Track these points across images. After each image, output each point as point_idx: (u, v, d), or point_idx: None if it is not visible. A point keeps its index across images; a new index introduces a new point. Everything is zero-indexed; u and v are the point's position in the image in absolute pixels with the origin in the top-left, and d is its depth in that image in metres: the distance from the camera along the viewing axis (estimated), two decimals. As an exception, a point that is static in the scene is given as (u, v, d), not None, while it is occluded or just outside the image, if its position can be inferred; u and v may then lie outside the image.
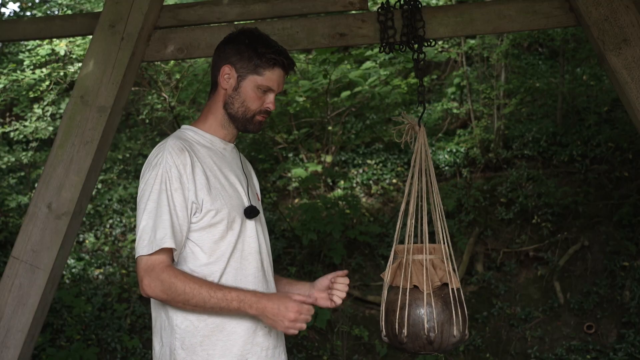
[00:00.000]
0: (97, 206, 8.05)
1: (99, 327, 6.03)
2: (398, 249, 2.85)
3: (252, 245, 2.42)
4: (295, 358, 5.86)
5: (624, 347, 5.66)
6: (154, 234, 2.23)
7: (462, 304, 2.73)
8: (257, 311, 2.27)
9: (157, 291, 2.23)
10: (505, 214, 7.11)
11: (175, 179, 2.28)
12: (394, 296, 2.77)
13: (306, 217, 6.76)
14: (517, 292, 6.50)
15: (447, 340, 2.68)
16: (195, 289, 2.23)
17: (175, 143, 2.33)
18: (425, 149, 2.86)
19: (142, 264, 2.24)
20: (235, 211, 2.37)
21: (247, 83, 2.40)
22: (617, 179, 7.09)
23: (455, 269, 2.78)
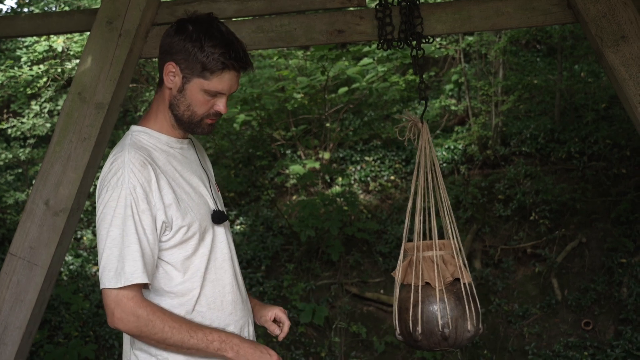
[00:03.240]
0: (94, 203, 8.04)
1: (97, 324, 6.03)
2: (407, 246, 2.84)
3: (224, 252, 2.31)
4: (293, 355, 5.87)
5: (622, 344, 5.67)
6: (122, 266, 2.06)
7: (475, 298, 2.73)
8: (237, 355, 2.18)
9: (131, 327, 2.09)
10: (503, 211, 7.11)
11: (141, 199, 2.10)
12: (406, 294, 2.76)
13: (304, 213, 6.76)
14: (515, 289, 6.51)
15: (461, 335, 2.68)
16: (175, 327, 2.12)
17: (135, 156, 2.13)
18: (430, 146, 2.85)
19: (112, 297, 2.07)
20: (205, 221, 2.25)
21: (192, 86, 2.17)
22: (614, 176, 7.10)
23: (465, 264, 2.78)
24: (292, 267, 6.76)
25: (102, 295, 2.11)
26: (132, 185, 2.10)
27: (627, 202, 6.68)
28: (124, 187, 2.09)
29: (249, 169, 8.24)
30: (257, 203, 7.88)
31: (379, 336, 6.22)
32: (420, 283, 2.72)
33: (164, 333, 2.10)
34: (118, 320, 2.08)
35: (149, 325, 2.09)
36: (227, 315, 2.29)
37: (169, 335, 2.11)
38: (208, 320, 2.25)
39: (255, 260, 6.84)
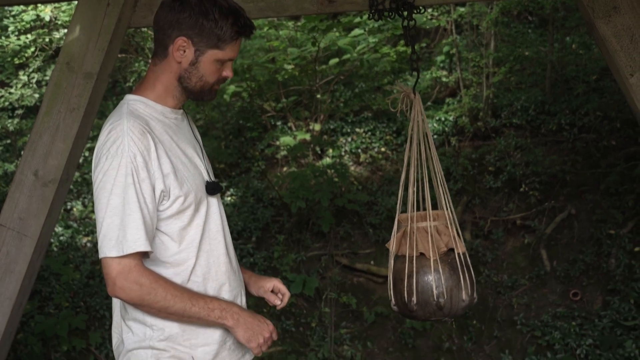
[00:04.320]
0: (84, 174, 8.02)
1: (87, 294, 6.04)
2: (401, 217, 2.85)
3: (217, 223, 2.33)
4: (283, 325, 5.90)
5: (609, 314, 5.73)
6: (124, 234, 2.06)
7: (469, 268, 2.75)
8: (237, 322, 2.22)
9: (133, 295, 2.09)
10: (493, 183, 7.13)
11: (141, 168, 2.10)
12: (401, 265, 2.78)
13: (294, 185, 6.75)
14: (504, 260, 6.55)
15: (456, 304, 2.70)
16: (177, 296, 2.13)
17: (134, 124, 2.14)
18: (422, 116, 2.84)
19: (114, 266, 2.06)
20: (200, 191, 2.26)
21: (206, 58, 2.22)
22: (604, 147, 7.12)
23: (459, 234, 2.79)
24: (283, 238, 6.77)
25: (102, 265, 2.10)
26: (133, 154, 2.09)
27: (616, 174, 6.71)
28: (124, 155, 2.08)
29: (239, 140, 8.22)
30: (248, 174, 7.87)
31: (369, 307, 6.26)
32: (414, 254, 2.73)
33: (166, 301, 2.11)
34: (120, 290, 2.08)
35: (152, 294, 2.09)
36: (220, 285, 2.31)
37: (171, 304, 2.12)
38: (202, 290, 2.26)
39: (246, 231, 6.85)
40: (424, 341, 5.99)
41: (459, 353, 5.85)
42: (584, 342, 5.54)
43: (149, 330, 2.20)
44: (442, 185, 2.80)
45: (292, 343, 5.82)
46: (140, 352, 2.21)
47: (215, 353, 2.26)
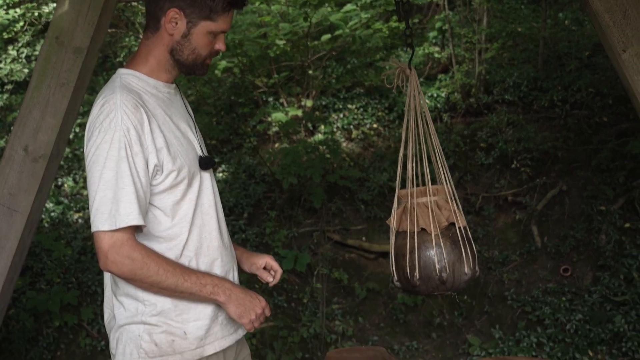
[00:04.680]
0: (75, 150, 7.98)
1: (79, 270, 6.04)
2: (401, 194, 2.85)
3: (210, 198, 2.33)
4: (275, 300, 5.92)
5: (599, 290, 5.77)
6: (117, 208, 2.05)
7: (470, 241, 2.76)
8: (228, 298, 2.22)
9: (125, 270, 2.08)
10: (485, 159, 7.14)
11: (134, 142, 2.09)
12: (402, 241, 2.78)
13: (286, 161, 6.74)
14: (495, 236, 6.57)
15: (459, 278, 2.71)
16: (169, 271, 2.12)
17: (127, 98, 2.13)
18: (418, 92, 2.84)
19: (106, 240, 2.05)
20: (193, 166, 2.26)
21: (198, 30, 2.21)
22: (596, 124, 7.12)
23: (460, 208, 2.79)
24: (275, 214, 6.78)
25: (94, 239, 2.09)
26: (126, 127, 2.08)
27: (608, 150, 6.72)
28: (117, 129, 2.07)
29: (231, 116, 8.18)
30: (239, 151, 7.85)
31: (360, 283, 6.28)
32: (415, 229, 2.73)
33: (158, 276, 2.11)
34: (112, 264, 2.07)
35: (144, 268, 2.09)
36: (212, 260, 2.31)
37: (163, 279, 2.12)
38: (194, 265, 2.26)
39: (238, 207, 6.85)
40: (415, 316, 6.03)
41: (450, 328, 5.89)
42: (574, 317, 5.58)
43: (140, 305, 2.20)
44: (441, 160, 2.80)
45: (283, 319, 5.85)
46: (132, 327, 2.21)
47: (207, 328, 2.26)
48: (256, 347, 5.44)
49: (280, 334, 5.65)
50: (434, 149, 2.80)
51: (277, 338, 5.60)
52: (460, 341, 5.76)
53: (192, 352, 2.24)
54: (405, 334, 5.91)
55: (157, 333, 2.19)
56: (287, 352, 5.48)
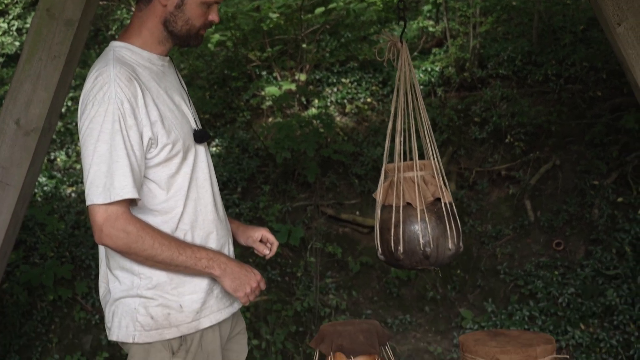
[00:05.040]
0: (67, 124, 7.94)
1: (72, 244, 6.03)
2: (388, 168, 2.85)
3: (204, 172, 2.33)
4: (269, 274, 5.94)
5: (591, 264, 5.80)
6: (111, 181, 2.04)
7: (456, 217, 2.76)
8: (224, 272, 2.23)
9: (120, 243, 2.08)
10: (479, 134, 7.13)
11: (128, 114, 2.07)
12: (388, 215, 2.78)
13: (280, 135, 6.73)
14: (489, 211, 6.59)
15: (442, 254, 2.71)
16: (164, 244, 2.12)
17: (120, 71, 2.11)
18: (409, 66, 2.82)
19: (100, 213, 2.05)
20: (188, 139, 2.25)
21: (192, 0, 2.20)
22: (590, 98, 7.12)
23: (446, 184, 2.79)
24: (268, 188, 6.77)
25: (89, 212, 2.08)
26: (120, 100, 2.07)
27: (601, 124, 6.73)
28: (111, 102, 2.05)
29: (224, 90, 8.14)
30: (233, 125, 7.83)
31: (354, 257, 6.30)
32: (401, 203, 2.73)
33: (153, 249, 2.10)
34: (106, 237, 2.06)
35: (139, 242, 2.08)
36: (207, 234, 2.31)
37: (159, 252, 2.11)
38: (190, 238, 2.26)
39: (232, 182, 6.84)
40: (408, 290, 6.05)
41: (443, 302, 5.92)
42: (566, 291, 5.61)
43: (136, 279, 2.20)
44: (429, 135, 2.80)
45: (277, 292, 5.87)
46: (128, 301, 2.21)
47: (203, 301, 2.27)
48: (250, 321, 5.46)
49: (274, 307, 5.67)
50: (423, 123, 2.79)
51: (271, 312, 5.63)
52: (453, 315, 5.79)
53: (187, 325, 2.24)
54: (398, 307, 5.94)
55: (153, 306, 2.20)
56: (281, 326, 5.51)
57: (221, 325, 2.37)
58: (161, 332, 2.21)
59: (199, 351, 2.28)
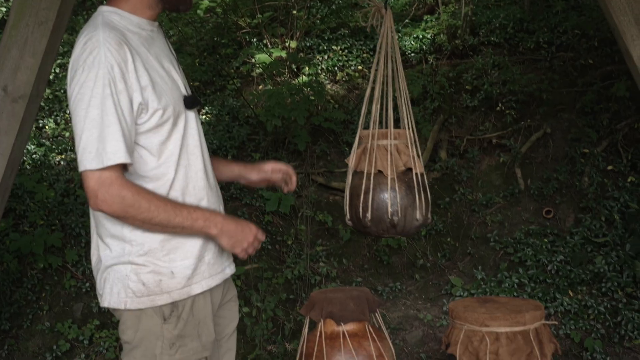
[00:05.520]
0: (55, 91, 7.88)
1: (62, 212, 6.01)
2: (363, 134, 2.84)
3: (195, 138, 2.32)
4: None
5: (580, 231, 5.83)
6: (104, 146, 2.02)
7: (426, 189, 2.75)
8: (220, 231, 2.24)
9: (116, 208, 2.07)
10: (470, 101, 7.11)
11: (119, 79, 2.06)
12: (359, 181, 2.78)
13: (270, 103, 6.69)
14: (479, 179, 6.60)
15: (410, 223, 2.71)
16: (160, 206, 2.12)
17: (110, 35, 2.08)
18: (392, 33, 2.79)
19: (95, 179, 2.03)
20: (178, 105, 2.24)
21: None
22: (582, 66, 7.10)
23: (419, 154, 2.79)
24: (259, 156, 6.75)
25: (83, 178, 2.06)
26: (110, 65, 2.04)
27: (592, 92, 6.72)
28: (101, 67, 2.03)
29: (214, 57, 8.08)
30: (223, 92, 7.78)
31: (344, 225, 6.31)
32: (372, 171, 2.72)
33: (149, 212, 2.10)
34: (102, 202, 2.05)
35: (135, 206, 2.08)
36: (199, 200, 2.32)
37: (155, 215, 2.11)
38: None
39: (222, 150, 6.82)
40: (398, 258, 6.08)
41: (433, 269, 5.95)
42: (555, 259, 5.65)
43: (127, 245, 2.20)
44: (406, 104, 2.79)
45: (268, 260, 5.88)
46: (119, 268, 2.21)
47: (194, 267, 2.27)
48: (241, 289, 5.48)
49: (264, 275, 5.69)
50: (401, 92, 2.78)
51: (261, 279, 5.65)
52: (443, 282, 5.82)
53: (179, 292, 2.25)
54: (388, 275, 5.97)
55: (145, 273, 2.20)
56: (272, 293, 5.53)
57: (212, 292, 2.38)
58: (153, 298, 2.21)
59: (190, 318, 2.28)
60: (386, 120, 2.81)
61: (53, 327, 5.25)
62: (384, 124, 2.82)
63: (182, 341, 2.26)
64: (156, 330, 2.24)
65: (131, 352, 2.27)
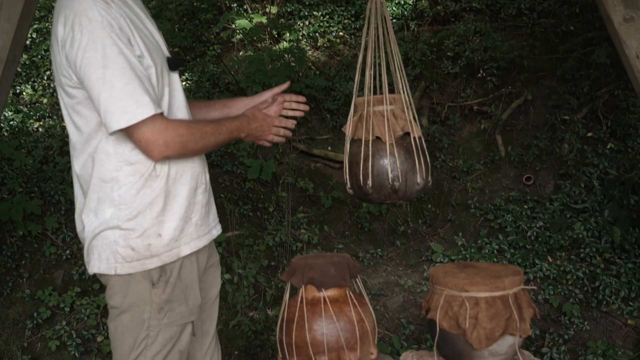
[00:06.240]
0: (32, 57, 7.76)
1: (41, 179, 5.96)
2: (358, 101, 2.82)
3: (179, 100, 2.32)
4: (241, 210, 5.94)
5: (560, 197, 5.87)
6: (137, 101, 2.06)
7: (424, 152, 2.75)
8: (247, 135, 2.48)
9: (178, 148, 2.17)
10: (452, 68, 7.10)
11: (119, 35, 2.08)
12: (357, 149, 2.77)
13: (251, 69, 6.64)
14: (460, 146, 6.61)
15: (411, 188, 2.71)
16: (208, 132, 2.27)
17: None
18: (381, -3, 2.76)
19: (149, 129, 2.10)
20: (163, 65, 2.25)
21: None
22: (563, 33, 7.09)
23: (416, 118, 2.78)
24: (240, 123, 6.70)
25: (133, 134, 2.12)
26: (107, 22, 2.07)
27: (573, 59, 6.72)
28: (97, 26, 2.06)
29: (194, 22, 7.98)
30: (203, 59, 7.70)
31: (325, 192, 6.31)
32: (370, 137, 2.71)
33: (203, 140, 2.24)
34: (166, 148, 2.15)
35: (192, 139, 2.20)
36: (185, 162, 2.31)
37: (206, 141, 2.26)
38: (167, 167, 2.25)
39: (202, 116, 6.76)
40: (379, 224, 6.10)
41: (414, 236, 5.98)
42: (535, 225, 5.69)
43: (115, 210, 2.20)
44: (400, 69, 2.77)
45: (249, 227, 5.88)
46: (107, 234, 2.21)
47: (181, 229, 2.29)
48: (222, 256, 5.48)
49: (246, 242, 5.69)
50: (394, 57, 2.75)
51: (242, 246, 5.65)
52: (424, 248, 5.86)
53: (169, 254, 2.26)
54: (370, 242, 5.99)
55: (133, 238, 2.20)
56: (253, 260, 5.53)
57: (198, 256, 2.40)
58: (143, 262, 2.22)
59: (178, 282, 2.30)
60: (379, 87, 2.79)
61: (33, 294, 5.23)
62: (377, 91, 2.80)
63: (170, 306, 2.28)
64: (145, 295, 2.25)
65: (119, 317, 2.28)
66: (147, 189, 2.20)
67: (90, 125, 2.18)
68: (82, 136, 2.21)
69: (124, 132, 2.12)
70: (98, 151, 2.19)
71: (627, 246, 5.36)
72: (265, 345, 4.92)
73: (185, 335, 2.34)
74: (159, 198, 2.23)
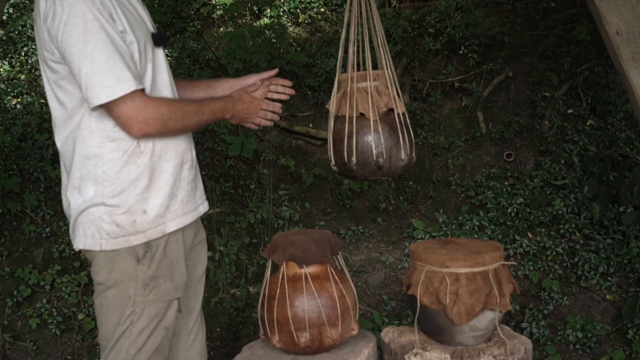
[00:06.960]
0: (9, 32, 7.65)
1: (20, 157, 5.90)
2: (341, 78, 2.81)
3: (164, 76, 2.32)
4: (222, 187, 5.92)
5: (540, 174, 5.91)
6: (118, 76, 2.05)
7: (408, 128, 2.75)
8: (232, 116, 2.49)
9: (158, 126, 2.15)
10: (433, 45, 7.08)
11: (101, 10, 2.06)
12: (341, 125, 2.77)
13: (232, 45, 6.58)
14: (441, 122, 6.62)
15: (395, 164, 2.72)
16: (190, 111, 2.25)
17: None
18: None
19: (129, 106, 2.08)
20: (148, 41, 2.24)
21: None
22: (544, 9, 7.09)
23: (399, 94, 2.77)
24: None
25: (112, 110, 2.10)
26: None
27: (554, 36, 6.73)
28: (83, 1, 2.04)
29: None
30: (183, 35, 7.63)
31: (307, 169, 6.30)
32: (354, 114, 2.71)
33: (185, 119, 2.23)
34: (145, 125, 2.13)
35: (173, 118, 2.19)
36: (170, 139, 2.31)
37: (189, 120, 2.25)
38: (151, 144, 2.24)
39: (182, 93, 6.71)
40: (361, 202, 6.11)
41: (395, 212, 6.00)
42: (515, 201, 5.72)
43: (99, 187, 2.20)
44: (383, 45, 2.76)
45: (230, 205, 5.87)
46: (92, 210, 2.21)
47: (167, 205, 2.29)
48: (203, 233, 5.47)
49: (227, 219, 5.68)
50: (377, 33, 2.74)
51: (224, 224, 5.64)
52: (405, 225, 5.88)
53: (154, 230, 2.26)
54: (351, 218, 6.00)
55: (118, 214, 2.20)
56: (235, 237, 5.53)
57: (184, 233, 2.40)
58: (128, 238, 2.22)
59: (164, 258, 2.30)
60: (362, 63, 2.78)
61: (13, 272, 5.20)
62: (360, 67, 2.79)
63: (155, 282, 2.28)
64: (130, 271, 2.24)
65: (104, 292, 2.28)
66: (131, 165, 2.19)
67: (74, 101, 2.16)
68: (66, 112, 2.19)
69: (104, 107, 2.10)
70: (81, 127, 2.17)
71: (606, 222, 5.41)
72: (247, 322, 4.93)
73: (171, 311, 2.34)
74: (143, 174, 2.22)
